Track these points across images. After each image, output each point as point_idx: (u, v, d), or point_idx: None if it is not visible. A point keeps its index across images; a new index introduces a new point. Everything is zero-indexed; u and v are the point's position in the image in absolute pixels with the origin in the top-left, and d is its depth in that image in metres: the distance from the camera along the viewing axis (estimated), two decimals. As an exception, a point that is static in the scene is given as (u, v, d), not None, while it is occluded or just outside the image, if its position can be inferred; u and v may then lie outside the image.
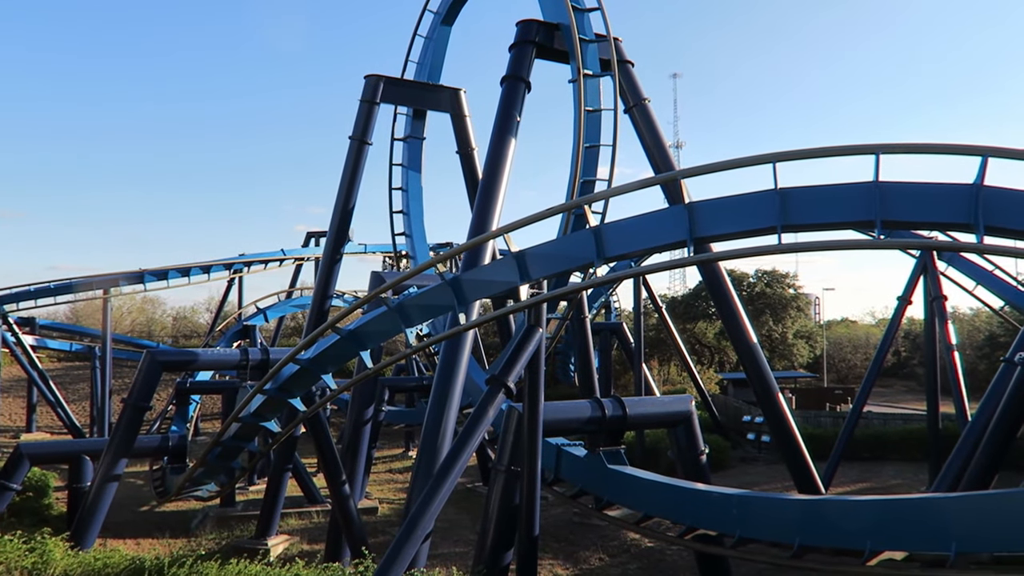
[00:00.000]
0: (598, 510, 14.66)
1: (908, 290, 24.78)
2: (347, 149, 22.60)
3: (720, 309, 19.94)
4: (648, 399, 19.42)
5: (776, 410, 18.61)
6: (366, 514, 21.70)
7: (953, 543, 8.78)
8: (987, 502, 9.20)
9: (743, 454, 32.59)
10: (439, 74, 24.81)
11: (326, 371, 13.50)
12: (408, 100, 24.07)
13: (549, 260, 11.30)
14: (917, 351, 58.59)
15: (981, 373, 42.65)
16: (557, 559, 18.22)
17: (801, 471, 18.35)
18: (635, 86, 19.37)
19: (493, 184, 16.60)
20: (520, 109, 17.56)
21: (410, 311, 12.18)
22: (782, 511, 11.32)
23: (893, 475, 27.84)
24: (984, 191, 9.21)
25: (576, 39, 17.63)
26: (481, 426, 11.84)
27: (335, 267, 22.76)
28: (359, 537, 16.50)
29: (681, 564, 17.51)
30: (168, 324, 71.50)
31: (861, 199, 9.67)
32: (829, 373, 61.45)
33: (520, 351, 11.89)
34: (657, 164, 19.30)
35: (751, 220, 10.20)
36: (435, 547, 17.30)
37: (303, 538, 20.45)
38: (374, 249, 42.16)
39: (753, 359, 18.79)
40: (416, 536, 11.05)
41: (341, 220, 22.54)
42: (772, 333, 57.49)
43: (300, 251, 42.11)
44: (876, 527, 9.73)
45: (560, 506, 21.19)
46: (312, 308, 23.08)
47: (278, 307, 40.41)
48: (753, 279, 60.66)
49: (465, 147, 23.87)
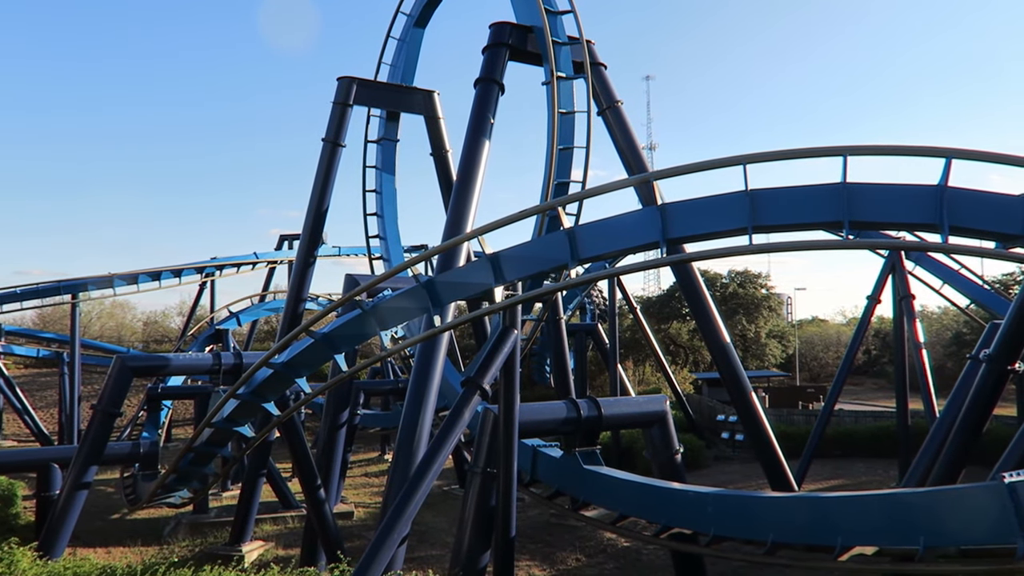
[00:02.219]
0: (574, 511, 14.71)
1: (877, 289, 25.18)
2: (320, 151, 22.47)
3: (694, 309, 20.09)
4: (623, 399, 19.51)
5: (749, 409, 18.79)
6: (342, 518, 21.56)
7: (921, 537, 8.94)
8: (954, 497, 9.37)
9: (717, 453, 32.88)
10: (412, 76, 24.74)
11: (300, 375, 13.40)
12: (381, 102, 23.97)
13: (524, 262, 11.33)
14: (886, 349, 59.52)
15: (948, 371, 43.48)
16: (534, 560, 18.25)
17: (774, 469, 18.55)
18: (608, 88, 19.47)
19: (467, 186, 16.59)
20: (494, 111, 17.58)
21: (385, 314, 12.14)
22: (756, 509, 11.45)
23: (864, 471, 28.27)
24: (949, 192, 9.41)
25: (549, 42, 17.69)
26: (457, 428, 11.83)
27: (308, 270, 22.59)
28: (335, 542, 16.39)
29: (657, 563, 17.63)
30: (138, 329, 70.49)
31: (830, 200, 9.83)
32: (801, 372, 62.25)
33: (495, 353, 11.90)
34: (630, 166, 19.42)
35: (723, 221, 10.32)
36: (412, 550, 17.24)
37: (278, 544, 20.28)
38: (348, 252, 41.93)
39: (727, 359, 18.96)
40: (392, 540, 11.01)
41: (314, 223, 22.39)
42: (745, 333, 58.09)
43: (273, 254, 41.75)
44: (847, 523, 9.87)
45: (536, 507, 21.23)
46: (286, 311, 22.89)
47: (251, 311, 40.01)
48: (726, 279, 61.25)
49: (439, 149, 23.83)
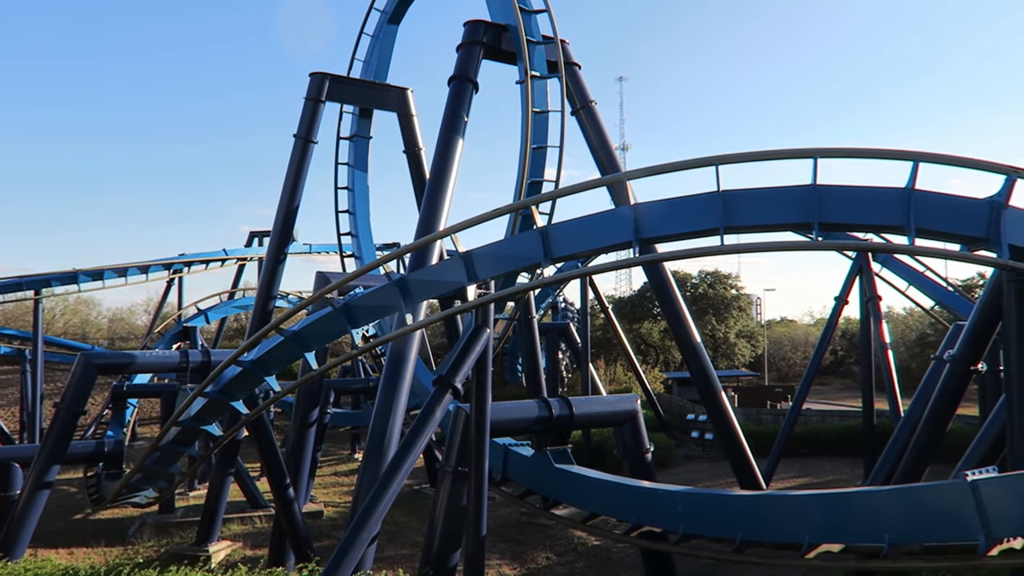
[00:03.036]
0: (545, 509, 14.71)
1: (845, 290, 25.53)
2: (291, 147, 22.27)
3: (665, 309, 20.22)
4: (595, 398, 19.57)
5: (719, 408, 18.96)
6: (311, 518, 21.39)
7: (886, 534, 9.06)
8: (918, 494, 9.52)
9: (687, 452, 33.14)
10: (386, 73, 24.61)
11: (269, 373, 13.26)
12: (354, 99, 23.81)
13: (497, 260, 11.31)
14: (853, 350, 60.43)
15: (913, 371, 44.24)
16: (504, 559, 18.25)
17: (743, 467, 18.73)
18: (582, 88, 19.52)
19: (441, 184, 16.54)
20: (468, 109, 17.54)
21: (356, 312, 12.04)
22: (725, 507, 11.54)
23: (831, 470, 28.67)
24: (915, 195, 9.56)
25: (523, 41, 17.69)
26: (428, 427, 11.77)
27: (279, 267, 22.38)
28: (304, 541, 16.25)
29: (627, 561, 17.71)
30: (104, 326, 69.23)
31: (800, 201, 9.95)
32: (770, 372, 63.01)
33: (467, 352, 11.85)
34: (603, 166, 19.49)
35: (695, 221, 10.39)
36: (382, 550, 17.14)
37: (246, 543, 20.05)
38: (319, 249, 41.58)
39: (697, 358, 19.11)
40: (362, 539, 10.92)
41: (285, 219, 22.18)
42: (715, 333, 58.67)
43: (243, 251, 41.26)
44: (814, 521, 9.99)
45: (507, 506, 21.23)
46: (255, 309, 22.65)
47: (220, 308, 39.51)
48: (697, 280, 61.82)
49: (412, 147, 23.74)
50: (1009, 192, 9.50)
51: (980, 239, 9.70)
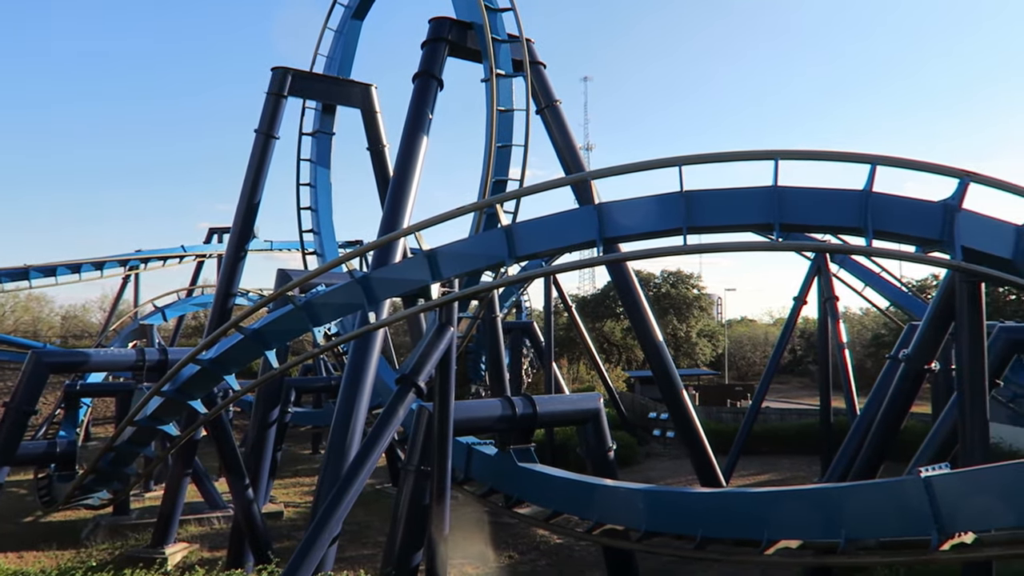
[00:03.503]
0: (508, 508, 14.70)
1: (803, 291, 25.98)
2: (252, 143, 21.92)
3: (628, 309, 20.34)
4: (558, 397, 19.63)
5: (680, 407, 19.14)
6: (271, 519, 21.12)
7: (843, 530, 9.23)
8: (873, 491, 9.72)
9: (649, 450, 33.43)
10: (350, 69, 24.36)
11: (229, 372, 13.02)
12: (317, 94, 23.52)
13: (461, 259, 11.26)
14: (811, 349, 61.56)
15: (868, 370, 45.20)
16: (467, 558, 18.19)
17: (704, 465, 18.93)
18: (547, 87, 19.53)
19: (404, 182, 16.40)
20: (432, 107, 17.42)
21: (318, 310, 11.89)
22: (685, 504, 11.64)
23: (789, 467, 29.14)
24: (873, 197, 9.75)
25: (489, 38, 17.64)
26: (391, 426, 11.68)
27: (239, 264, 22.01)
28: (263, 542, 16.02)
29: (589, 559, 17.79)
30: (56, 323, 67.52)
31: (762, 203, 10.07)
32: (730, 370, 63.85)
33: (431, 350, 11.79)
34: (568, 165, 19.52)
35: (658, 221, 10.46)
36: (343, 550, 16.98)
37: (203, 545, 19.70)
38: (280, 246, 41.06)
39: (659, 357, 19.26)
40: (323, 539, 10.80)
41: (246, 216, 21.81)
42: (677, 332, 59.27)
43: (202, 247, 40.58)
44: (773, 518, 10.12)
45: (470, 505, 21.16)
46: (214, 306, 22.24)
47: (178, 306, 38.77)
48: (659, 279, 62.41)
49: (376, 144, 23.52)
50: (962, 195, 9.74)
51: (934, 241, 9.93)
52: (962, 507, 8.22)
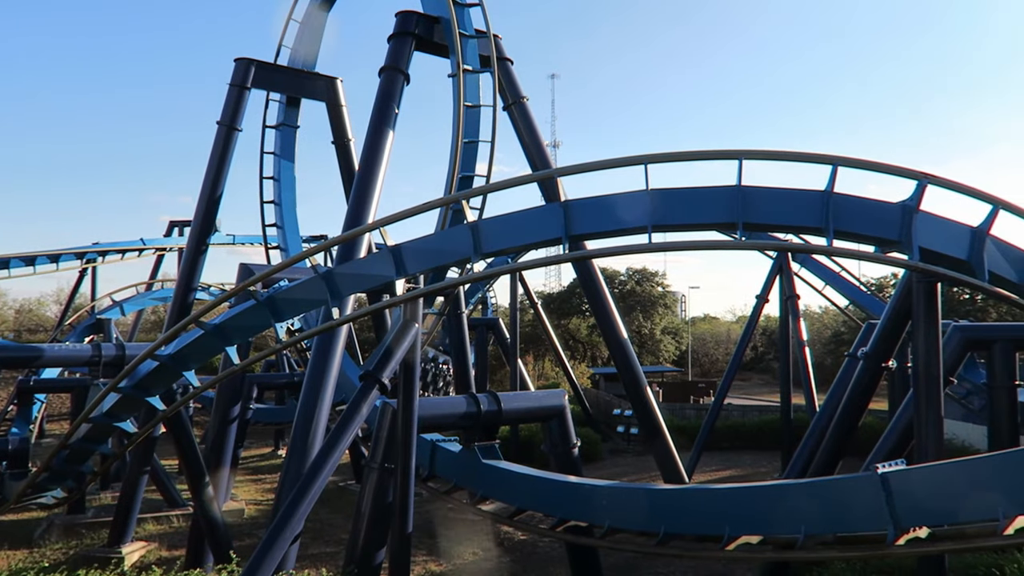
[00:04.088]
0: (472, 505, 14.67)
1: (765, 289, 26.34)
2: (214, 135, 21.54)
3: (593, 306, 20.43)
4: (523, 394, 19.61)
5: (644, 403, 19.28)
6: (232, 516, 20.83)
7: (802, 526, 9.36)
8: (832, 487, 9.87)
9: (613, 446, 33.63)
10: (314, 61, 24.05)
11: (188, 368, 12.77)
12: (281, 87, 23.18)
13: (426, 255, 11.19)
14: (772, 346, 62.47)
15: (828, 367, 46.01)
16: (431, 555, 18.15)
17: (667, 461, 19.11)
18: (514, 84, 19.51)
19: (370, 176, 16.26)
20: (398, 101, 17.30)
21: (281, 305, 11.73)
22: (648, 501, 11.71)
23: (750, 462, 29.56)
24: (834, 198, 9.90)
25: (456, 33, 17.55)
26: (354, 423, 11.57)
27: (200, 258, 21.62)
28: (223, 541, 15.77)
29: (553, 556, 17.84)
30: (10, 317, 65.76)
31: (726, 202, 10.16)
32: (693, 367, 64.52)
33: (395, 347, 11.70)
34: (535, 162, 19.54)
35: (624, 219, 10.50)
36: (305, 548, 16.81)
37: (162, 544, 19.36)
38: (243, 240, 40.41)
39: (624, 354, 19.37)
40: (285, 537, 10.67)
41: (207, 209, 21.43)
42: (641, 329, 59.72)
43: (162, 241, 39.76)
44: (735, 513, 10.23)
45: (434, 502, 21.10)
46: (174, 301, 21.83)
47: (136, 300, 38.04)
48: (624, 277, 62.84)
49: (341, 138, 23.29)
50: (920, 197, 9.93)
51: (893, 241, 10.11)
52: (917, 503, 8.38)
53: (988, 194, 10.17)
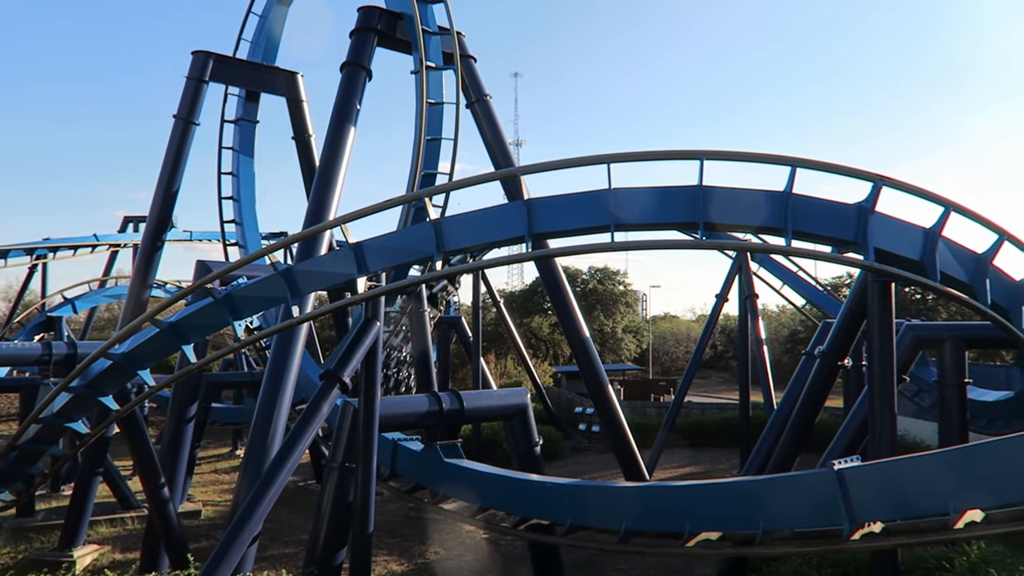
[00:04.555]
0: (434, 504, 14.62)
1: (725, 288, 26.67)
2: (171, 129, 21.11)
3: (556, 304, 20.50)
4: (485, 392, 19.61)
5: (606, 401, 19.40)
6: (188, 518, 20.43)
7: (761, 522, 9.49)
8: (790, 483, 10.03)
9: (575, 444, 33.77)
10: (275, 55, 23.74)
11: (143, 367, 12.48)
12: (240, 81, 22.82)
13: (388, 252, 11.10)
14: (731, 345, 63.35)
15: (785, 365, 46.80)
16: (392, 555, 18.03)
17: (628, 459, 19.26)
18: (477, 81, 19.48)
19: (331, 173, 16.08)
20: (360, 97, 17.13)
21: (239, 303, 11.52)
22: (610, 498, 11.79)
23: (710, 459, 29.92)
24: (793, 199, 10.05)
25: (419, 29, 17.46)
26: (314, 422, 11.44)
27: (156, 255, 21.18)
28: (179, 543, 15.46)
29: (515, 554, 17.85)
30: (-44, 315, 63.69)
31: (687, 201, 10.26)
32: (654, 366, 65.12)
33: (356, 345, 11.60)
34: (498, 160, 19.53)
35: (587, 218, 10.54)
36: (264, 549, 16.58)
37: (115, 547, 18.92)
38: (201, 237, 39.65)
39: (586, 353, 19.47)
40: (243, 538, 10.50)
41: (163, 205, 21.00)
42: (603, 328, 60.10)
43: (116, 237, 38.81)
44: (695, 510, 10.34)
45: (395, 502, 20.99)
46: (128, 298, 21.38)
47: (89, 297, 37.10)
48: (586, 276, 63.16)
49: (302, 133, 23.02)
50: (875, 198, 10.14)
51: (849, 242, 10.31)
52: (872, 498, 8.55)
53: (940, 196, 10.43)
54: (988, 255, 10.92)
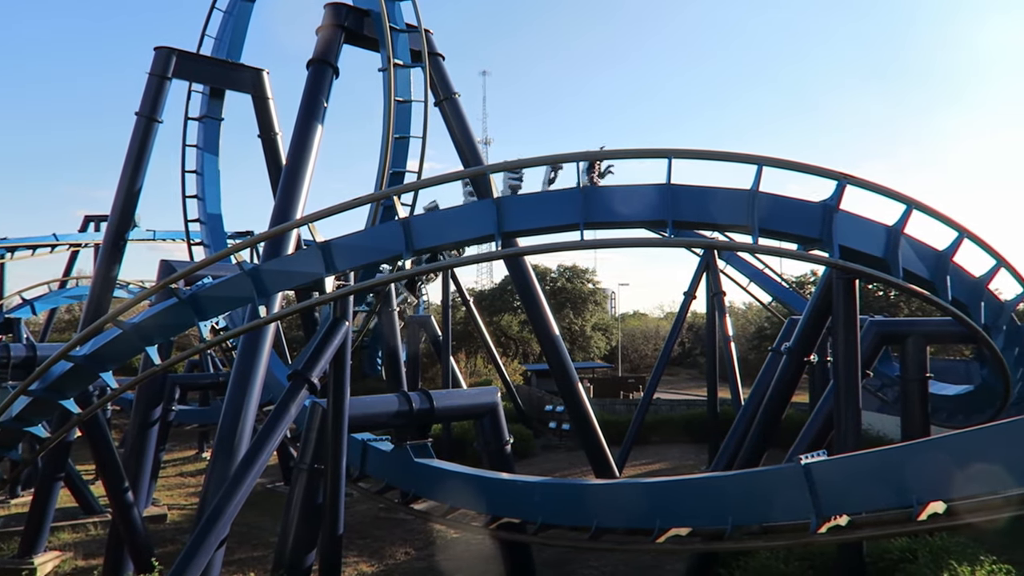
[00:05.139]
0: (404, 504, 14.54)
1: (693, 286, 26.90)
2: (133, 126, 20.69)
3: (525, 303, 20.51)
4: (455, 392, 19.58)
5: (576, 399, 19.46)
6: (154, 522, 20.11)
7: (730, 517, 9.59)
8: (758, 478, 10.15)
9: (545, 442, 33.83)
10: (240, 52, 23.38)
11: (105, 369, 12.21)
12: (204, 77, 22.44)
13: (357, 251, 11.00)
14: (700, 342, 63.92)
15: (752, 362, 47.35)
16: (362, 556, 17.90)
17: (598, 456, 19.34)
18: (445, 79, 19.40)
19: (298, 171, 15.89)
20: (327, 95, 16.96)
21: (204, 303, 11.34)
22: (580, 496, 11.82)
23: (679, 456, 30.16)
24: (759, 197, 10.15)
25: (387, 27, 17.34)
26: (282, 423, 11.31)
27: (118, 254, 20.73)
28: (144, 548, 15.19)
29: (485, 553, 17.82)
30: (-91, 317, 61.80)
31: (656, 200, 10.31)
32: (623, 363, 65.51)
33: (325, 345, 11.49)
34: (466, 158, 19.47)
35: (556, 216, 10.55)
36: (231, 553, 16.33)
37: (78, 553, 18.53)
38: (165, 236, 38.95)
39: (555, 351, 19.50)
40: (210, 542, 10.34)
41: (125, 203, 20.56)
42: (572, 326, 60.30)
43: (76, 236, 37.98)
44: (664, 506, 10.42)
45: (365, 502, 20.84)
46: (90, 299, 20.90)
47: (49, 298, 36.26)
48: (556, 274, 63.30)
49: (268, 131, 22.72)
50: (840, 196, 10.29)
51: (815, 239, 10.45)
52: (838, 491, 8.69)
53: (902, 195, 10.62)
54: (949, 252, 11.15)
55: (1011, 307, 13.09)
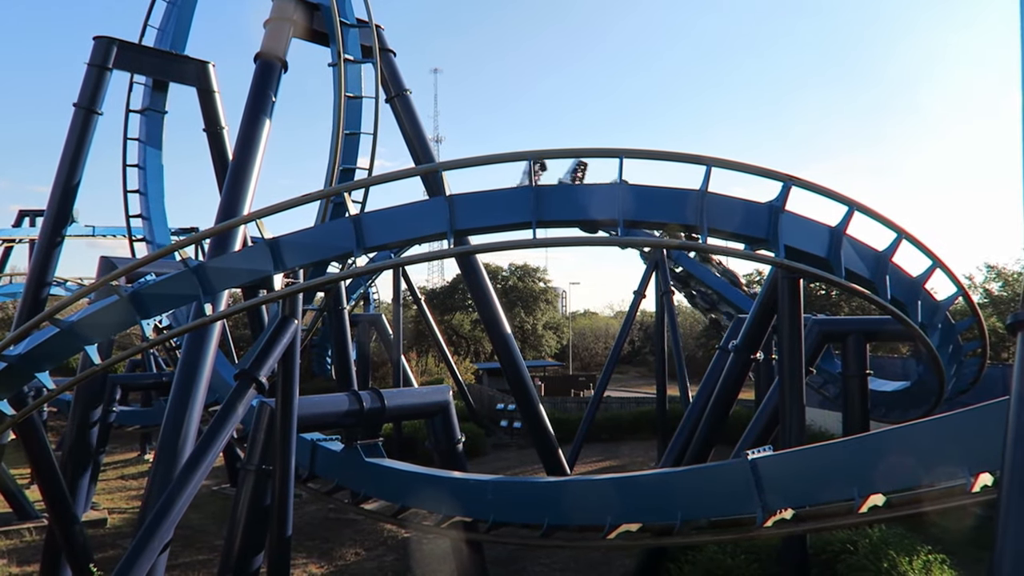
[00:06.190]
0: (355, 504, 14.40)
1: (643, 285, 27.22)
2: (71, 118, 20.00)
3: (477, 301, 20.45)
4: (407, 391, 19.41)
5: (527, 398, 19.49)
6: (93, 527, 19.53)
7: (679, 512, 9.74)
8: (706, 474, 10.32)
9: (497, 440, 33.88)
10: (184, 44, 22.78)
11: (41, 369, 11.78)
12: (147, 69, 21.78)
13: (306, 249, 10.82)
14: (649, 340, 64.72)
15: (700, 360, 48.16)
16: (311, 558, 17.68)
17: (549, 454, 19.41)
18: (397, 76, 19.24)
19: (245, 166, 15.55)
20: (276, 89, 16.62)
21: (147, 301, 11.01)
22: (532, 494, 11.86)
23: (628, 453, 30.52)
24: (708, 197, 10.30)
25: (337, 21, 17.10)
26: (229, 424, 11.06)
27: (55, 250, 19.99)
28: (82, 554, 14.74)
29: (437, 552, 17.76)
30: None
31: (608, 199, 10.38)
32: (574, 361, 65.98)
33: (273, 344, 11.29)
34: (418, 155, 19.34)
35: (509, 214, 10.53)
36: (176, 556, 15.98)
37: (11, 560, 17.88)
38: (105, 232, 37.81)
39: (507, 349, 19.50)
40: (152, 547, 10.06)
41: (63, 197, 19.85)
42: (524, 324, 60.49)
43: (10, 231, 36.66)
44: (615, 503, 10.52)
45: (315, 503, 20.58)
46: (24, 297, 20.13)
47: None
48: (507, 273, 63.44)
49: (213, 125, 22.18)
50: (785, 198, 10.51)
51: (761, 240, 10.65)
52: (783, 485, 8.89)
53: (845, 196, 10.89)
54: (888, 252, 11.48)
55: (946, 306, 13.55)
